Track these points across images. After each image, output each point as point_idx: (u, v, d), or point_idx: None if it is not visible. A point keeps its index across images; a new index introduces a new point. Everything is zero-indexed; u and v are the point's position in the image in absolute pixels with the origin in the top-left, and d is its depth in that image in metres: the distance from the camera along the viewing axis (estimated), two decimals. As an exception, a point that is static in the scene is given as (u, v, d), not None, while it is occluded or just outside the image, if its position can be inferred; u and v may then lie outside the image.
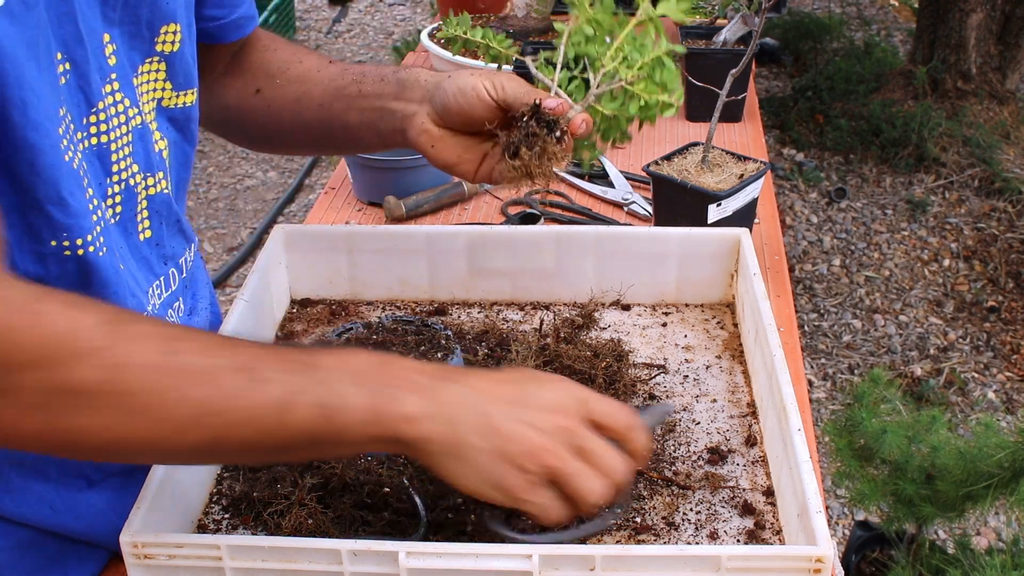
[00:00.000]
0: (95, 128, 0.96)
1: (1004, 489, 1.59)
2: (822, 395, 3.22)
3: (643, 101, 1.05)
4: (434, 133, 1.10)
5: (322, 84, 1.20)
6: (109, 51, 0.97)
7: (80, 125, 0.94)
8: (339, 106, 1.18)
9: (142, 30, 1.02)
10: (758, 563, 0.86)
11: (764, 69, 5.27)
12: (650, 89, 1.05)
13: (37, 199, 0.89)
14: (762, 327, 1.14)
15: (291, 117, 1.22)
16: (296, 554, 0.88)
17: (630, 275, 1.37)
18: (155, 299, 1.09)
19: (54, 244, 0.92)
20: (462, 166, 1.09)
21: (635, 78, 1.05)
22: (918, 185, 4.26)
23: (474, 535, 0.99)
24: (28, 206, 0.89)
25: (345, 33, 6.25)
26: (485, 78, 1.06)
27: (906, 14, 5.94)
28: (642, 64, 1.05)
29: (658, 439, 1.13)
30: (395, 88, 1.14)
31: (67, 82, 0.91)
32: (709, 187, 1.51)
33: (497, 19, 2.59)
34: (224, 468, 1.10)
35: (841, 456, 1.80)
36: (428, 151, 1.10)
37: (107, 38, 0.97)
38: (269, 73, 1.24)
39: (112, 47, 0.98)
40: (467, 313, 1.38)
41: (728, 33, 2.14)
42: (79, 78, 0.92)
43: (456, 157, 1.10)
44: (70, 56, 0.91)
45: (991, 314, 3.55)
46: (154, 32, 1.03)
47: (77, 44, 0.91)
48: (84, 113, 0.94)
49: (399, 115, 1.13)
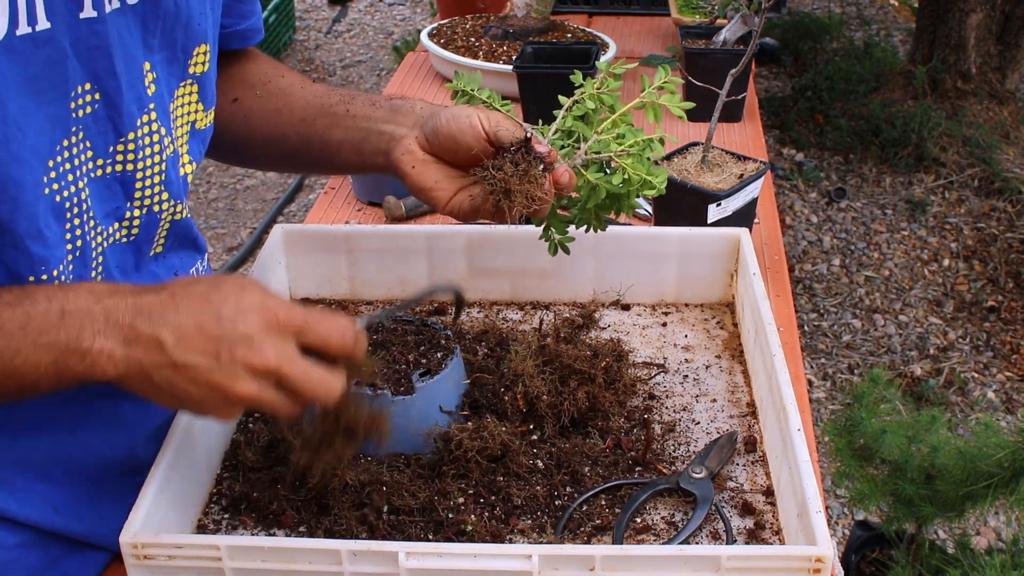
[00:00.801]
0: (122, 156, 0.97)
1: (1004, 489, 1.59)
2: (822, 395, 3.22)
3: (627, 175, 1.07)
4: (418, 155, 1.10)
5: (305, 99, 1.20)
6: (149, 79, 0.99)
7: (105, 153, 0.96)
8: (323, 123, 1.18)
9: (178, 54, 1.03)
10: (758, 563, 0.86)
11: (764, 69, 5.26)
12: (636, 167, 1.08)
13: (17, 235, 0.89)
14: (762, 327, 1.15)
15: (268, 129, 1.22)
16: (296, 554, 0.88)
17: (630, 275, 1.37)
18: None
19: (32, 279, 0.92)
20: (436, 192, 1.08)
21: (623, 153, 1.07)
22: (918, 185, 4.26)
23: (474, 535, 0.99)
24: (6, 244, 0.90)
25: (345, 33, 6.25)
26: (481, 111, 1.07)
27: (906, 14, 5.94)
28: (633, 143, 1.07)
29: (658, 439, 1.13)
30: (387, 113, 1.14)
31: (93, 112, 0.93)
32: (709, 187, 1.51)
33: (497, 19, 2.59)
34: (224, 468, 1.10)
35: (841, 456, 1.80)
36: (408, 171, 1.10)
37: (147, 67, 0.98)
38: (249, 83, 1.24)
39: (152, 75, 0.99)
40: (467, 313, 1.38)
41: (728, 33, 2.14)
42: (109, 108, 0.94)
43: (432, 182, 1.09)
44: (101, 87, 0.92)
45: (991, 314, 3.55)
46: (188, 55, 1.05)
47: (110, 77, 0.93)
48: (111, 142, 0.96)
49: (387, 136, 1.12)
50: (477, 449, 1.04)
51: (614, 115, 1.11)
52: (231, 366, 0.83)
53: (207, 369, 0.83)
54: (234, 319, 0.84)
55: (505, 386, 1.13)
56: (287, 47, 5.86)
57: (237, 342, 0.83)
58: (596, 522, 1.02)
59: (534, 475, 1.06)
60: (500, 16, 2.61)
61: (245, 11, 1.20)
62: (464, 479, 1.05)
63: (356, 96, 1.19)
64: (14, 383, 0.84)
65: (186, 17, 1.02)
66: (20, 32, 0.83)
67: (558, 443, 1.10)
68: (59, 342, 0.83)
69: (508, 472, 1.06)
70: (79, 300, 0.85)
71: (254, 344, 0.83)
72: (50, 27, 0.85)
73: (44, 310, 0.84)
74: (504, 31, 2.49)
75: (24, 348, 0.83)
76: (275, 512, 1.02)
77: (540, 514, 1.03)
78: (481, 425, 1.07)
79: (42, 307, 0.84)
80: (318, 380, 0.86)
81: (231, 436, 1.14)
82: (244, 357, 0.83)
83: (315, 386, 0.86)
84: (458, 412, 1.12)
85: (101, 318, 0.84)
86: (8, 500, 1.01)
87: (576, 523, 1.02)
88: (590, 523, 1.02)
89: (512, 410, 1.11)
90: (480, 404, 1.13)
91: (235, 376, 0.83)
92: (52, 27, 0.85)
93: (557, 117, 1.11)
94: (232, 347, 0.83)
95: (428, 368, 1.11)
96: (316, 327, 0.87)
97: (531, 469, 1.07)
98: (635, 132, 1.10)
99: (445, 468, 1.05)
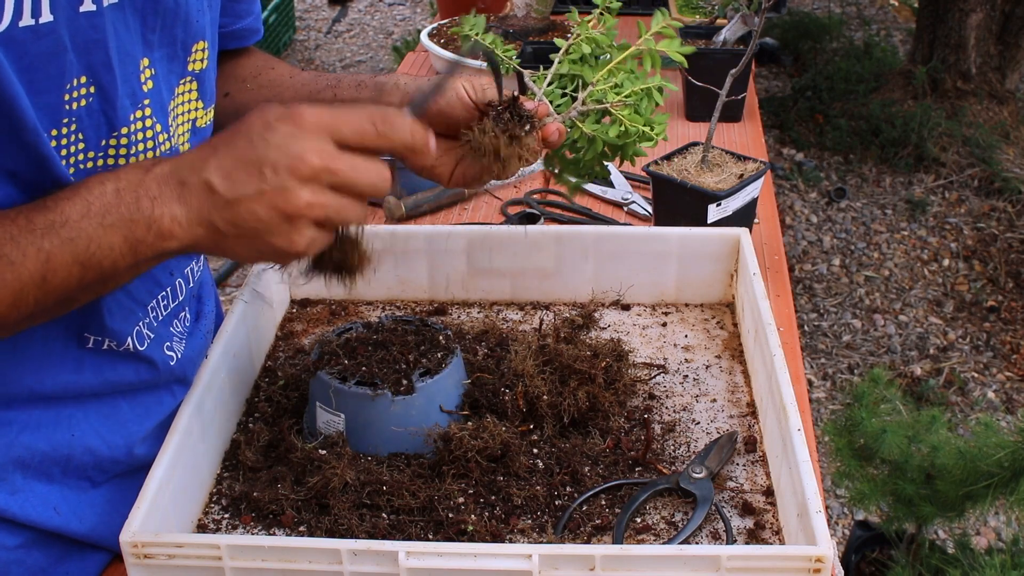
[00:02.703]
0: (114, 151, 0.97)
1: (1004, 489, 1.59)
2: (822, 395, 3.22)
3: (624, 128, 1.05)
4: None
5: (294, 89, 1.20)
6: (146, 76, 0.98)
7: (97, 146, 0.95)
8: None
9: (177, 51, 1.03)
10: (758, 563, 0.86)
11: (764, 69, 5.27)
12: (633, 118, 1.06)
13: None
14: (762, 327, 1.14)
15: None
16: (296, 554, 0.88)
17: (630, 275, 1.37)
18: (158, 312, 1.10)
19: None
20: (438, 169, 1.08)
21: (621, 104, 1.05)
22: (918, 185, 4.26)
23: (474, 535, 0.99)
24: None
25: (345, 33, 6.25)
26: (465, 80, 1.06)
27: (906, 14, 5.94)
28: (631, 92, 1.05)
29: (658, 439, 1.13)
30: (373, 92, 1.14)
31: (87, 105, 0.93)
32: (709, 187, 1.51)
33: (497, 19, 2.59)
34: (224, 468, 1.10)
35: (841, 456, 1.81)
36: None
37: (145, 63, 0.98)
38: (240, 77, 1.24)
39: (150, 72, 0.99)
40: (467, 313, 1.38)
41: (728, 33, 2.14)
42: (104, 102, 0.94)
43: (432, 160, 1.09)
44: (96, 80, 0.92)
45: (991, 314, 3.55)
46: (187, 52, 1.04)
47: (106, 70, 0.93)
48: (104, 135, 0.96)
49: None
50: (477, 449, 1.04)
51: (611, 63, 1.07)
52: (279, 180, 0.83)
53: (258, 193, 0.83)
54: (265, 137, 0.83)
55: (505, 386, 1.13)
56: (287, 47, 5.86)
57: (276, 157, 0.83)
58: (596, 522, 1.02)
59: (534, 475, 1.06)
60: (500, 16, 2.61)
61: (241, 10, 1.20)
62: (464, 479, 1.05)
63: (342, 79, 1.18)
64: (95, 273, 0.85)
65: (184, 14, 1.01)
66: (23, 24, 0.83)
67: (558, 443, 1.10)
68: (123, 218, 0.84)
69: (508, 472, 1.06)
70: (130, 175, 0.86)
71: (291, 151, 0.83)
72: (52, 20, 0.85)
73: (100, 192, 0.85)
74: (504, 31, 2.48)
75: (94, 234, 0.84)
76: (275, 512, 1.02)
77: (540, 514, 1.03)
78: (481, 425, 1.07)
79: (96, 191, 0.85)
80: (365, 168, 0.86)
81: (231, 436, 1.14)
82: (287, 166, 0.83)
83: (365, 175, 0.86)
84: (458, 412, 1.12)
85: (153, 185, 0.85)
86: (8, 501, 1.01)
87: (576, 523, 1.02)
88: (590, 523, 1.02)
89: (512, 410, 1.11)
90: (480, 404, 1.13)
91: (287, 189, 0.83)
92: (54, 20, 0.86)
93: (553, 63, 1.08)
94: (274, 163, 0.83)
95: (428, 368, 1.11)
96: (344, 120, 0.86)
97: (531, 469, 1.07)
98: (634, 80, 1.07)
99: (445, 468, 1.05)
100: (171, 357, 1.12)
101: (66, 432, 1.04)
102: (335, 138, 0.85)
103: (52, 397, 1.02)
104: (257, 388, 1.22)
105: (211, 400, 1.08)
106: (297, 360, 1.27)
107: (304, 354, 1.28)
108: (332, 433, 1.09)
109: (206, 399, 1.06)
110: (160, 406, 1.13)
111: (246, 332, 1.21)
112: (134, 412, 1.10)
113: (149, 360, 1.09)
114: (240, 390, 1.19)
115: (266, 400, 1.19)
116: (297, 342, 1.32)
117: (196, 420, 1.03)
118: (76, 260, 0.84)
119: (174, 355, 1.13)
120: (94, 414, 1.06)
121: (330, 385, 1.08)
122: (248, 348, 1.22)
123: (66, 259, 0.84)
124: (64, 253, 0.84)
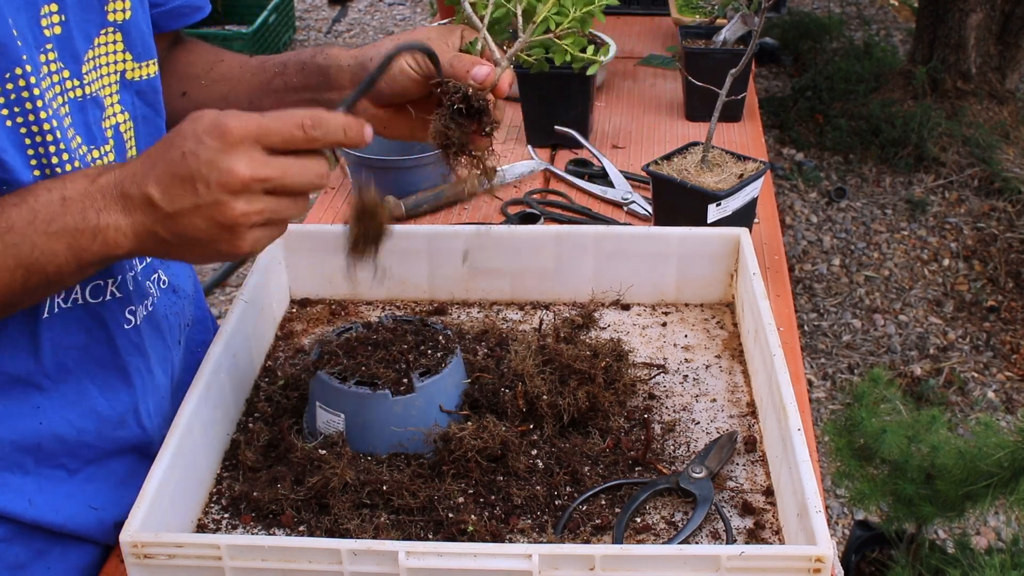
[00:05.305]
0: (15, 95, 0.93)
1: (1004, 489, 1.59)
2: (822, 395, 3.22)
3: (568, 56, 1.06)
4: (381, 116, 1.11)
5: (246, 80, 1.20)
6: (48, 22, 0.96)
7: None
8: (269, 102, 1.17)
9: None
10: (758, 563, 0.86)
11: (764, 69, 5.26)
12: (577, 43, 1.06)
13: None
14: (762, 327, 1.14)
15: None
16: (296, 554, 0.88)
17: (630, 275, 1.37)
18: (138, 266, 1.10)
19: None
20: (418, 133, 1.11)
21: (564, 32, 1.05)
22: (918, 185, 4.26)
23: (474, 535, 0.99)
24: None
25: (345, 33, 6.25)
26: (407, 56, 1.06)
27: (906, 14, 5.93)
28: (572, 17, 1.05)
29: (658, 439, 1.13)
30: (319, 77, 1.14)
31: None
32: (709, 187, 1.51)
33: (497, 19, 2.58)
34: (224, 468, 1.10)
35: (841, 456, 1.80)
36: (381, 132, 1.11)
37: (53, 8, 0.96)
38: (193, 75, 1.23)
39: (57, 18, 0.97)
40: (467, 313, 1.38)
41: (728, 33, 2.14)
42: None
43: (410, 130, 1.12)
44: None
45: (991, 314, 3.55)
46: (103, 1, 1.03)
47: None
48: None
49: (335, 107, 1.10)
50: (477, 449, 1.04)
51: None
52: (212, 195, 0.85)
53: (195, 207, 0.85)
54: (195, 151, 0.85)
55: (505, 386, 1.13)
56: (287, 47, 5.86)
57: (207, 172, 0.85)
58: (596, 522, 1.02)
59: (534, 475, 1.06)
60: (500, 16, 2.60)
61: None
62: (464, 479, 1.05)
63: (288, 64, 1.18)
64: (39, 278, 0.88)
65: None
66: None
67: (558, 443, 1.10)
68: (68, 227, 0.87)
69: (508, 472, 1.06)
70: (76, 184, 0.88)
71: (221, 167, 0.85)
72: None
73: (46, 201, 0.87)
74: (504, 31, 2.48)
75: (38, 241, 0.87)
76: (275, 512, 1.02)
77: (540, 514, 1.03)
78: (481, 425, 1.07)
79: (44, 199, 0.88)
80: (298, 169, 0.88)
81: (231, 436, 1.14)
82: (218, 181, 0.85)
83: (298, 175, 0.88)
84: (458, 412, 1.12)
85: (99, 196, 0.87)
86: None
87: (576, 523, 1.02)
88: (590, 523, 1.02)
89: (512, 410, 1.11)
90: (480, 404, 1.13)
91: (220, 203, 0.85)
92: None
93: None
94: (206, 179, 0.85)
95: (428, 368, 1.11)
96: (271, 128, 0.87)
97: (531, 469, 1.07)
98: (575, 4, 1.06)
99: (445, 468, 1.05)
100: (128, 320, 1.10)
101: (32, 420, 1.03)
102: (264, 144, 0.87)
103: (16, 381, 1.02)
104: (257, 388, 1.22)
105: (211, 400, 1.08)
106: (297, 360, 1.27)
107: (304, 354, 1.28)
108: (332, 433, 1.09)
109: (206, 399, 1.06)
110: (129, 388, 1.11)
111: (246, 332, 1.21)
112: (103, 397, 1.08)
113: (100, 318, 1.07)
114: (240, 390, 1.19)
115: (266, 400, 1.19)
116: (297, 342, 1.32)
117: (196, 420, 1.03)
118: (20, 264, 0.87)
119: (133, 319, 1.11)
120: (59, 399, 1.05)
121: (330, 385, 1.08)
122: (248, 348, 1.22)
123: (9, 263, 0.87)
124: (7, 257, 0.87)
